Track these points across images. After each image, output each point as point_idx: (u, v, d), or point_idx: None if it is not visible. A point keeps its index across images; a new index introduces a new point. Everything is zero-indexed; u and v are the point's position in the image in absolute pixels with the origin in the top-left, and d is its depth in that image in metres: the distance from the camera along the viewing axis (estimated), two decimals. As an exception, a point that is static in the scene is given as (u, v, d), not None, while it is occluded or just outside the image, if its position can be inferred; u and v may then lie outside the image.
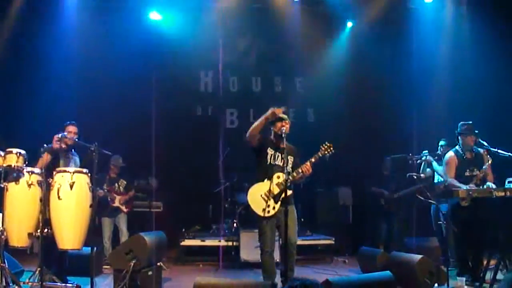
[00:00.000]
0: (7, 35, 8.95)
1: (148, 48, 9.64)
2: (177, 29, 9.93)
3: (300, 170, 5.60)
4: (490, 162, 6.16)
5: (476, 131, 6.28)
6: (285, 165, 5.52)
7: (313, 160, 5.63)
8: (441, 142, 7.70)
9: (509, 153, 6.17)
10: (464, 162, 6.24)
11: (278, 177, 5.66)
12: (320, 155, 5.64)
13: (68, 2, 9.34)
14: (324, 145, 5.67)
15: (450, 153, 6.37)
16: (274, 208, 5.63)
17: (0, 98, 8.76)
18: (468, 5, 9.68)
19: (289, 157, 5.73)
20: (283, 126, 5.69)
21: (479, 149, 6.31)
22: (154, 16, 9.83)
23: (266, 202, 5.64)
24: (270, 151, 5.81)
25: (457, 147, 6.35)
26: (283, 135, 5.60)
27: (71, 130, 6.27)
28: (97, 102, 9.21)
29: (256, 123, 5.76)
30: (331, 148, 5.64)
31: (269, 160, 5.78)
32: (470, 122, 6.33)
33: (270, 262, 5.69)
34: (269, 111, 5.70)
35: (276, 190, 5.63)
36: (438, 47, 9.87)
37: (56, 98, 8.83)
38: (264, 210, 5.63)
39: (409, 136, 9.28)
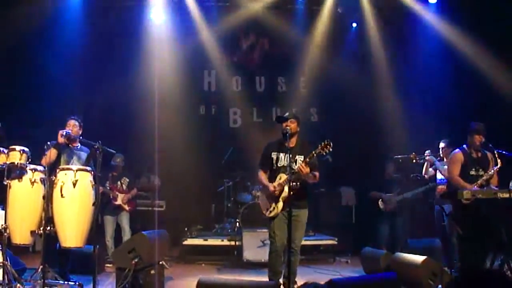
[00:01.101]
0: (11, 33, 8.96)
1: (152, 47, 9.65)
2: (181, 28, 9.92)
3: (295, 170, 5.49)
4: (499, 165, 6.09)
5: (485, 133, 6.21)
6: (288, 164, 5.46)
7: (307, 159, 5.43)
8: (441, 144, 7.66)
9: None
10: (470, 161, 6.19)
11: (280, 178, 5.65)
12: (315, 153, 5.39)
13: (71, 1, 9.35)
14: (321, 143, 5.42)
15: (457, 151, 6.32)
16: (274, 208, 5.63)
17: (3, 96, 8.76)
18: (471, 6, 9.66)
19: (298, 156, 5.66)
20: (288, 126, 5.64)
21: (485, 150, 6.27)
22: (156, 15, 9.81)
23: (269, 202, 5.69)
24: (273, 155, 5.79)
25: (464, 145, 6.31)
26: (287, 135, 5.56)
27: (71, 124, 6.28)
28: (100, 100, 9.21)
29: (262, 183, 5.81)
30: (329, 147, 5.36)
31: (274, 165, 5.77)
32: (482, 123, 6.28)
33: (276, 262, 5.67)
34: (270, 187, 5.67)
35: (276, 191, 5.64)
36: (441, 48, 9.85)
37: (59, 97, 8.84)
38: (267, 210, 5.70)
39: (412, 136, 9.27)
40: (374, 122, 10.02)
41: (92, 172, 5.66)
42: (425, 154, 7.74)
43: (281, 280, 5.61)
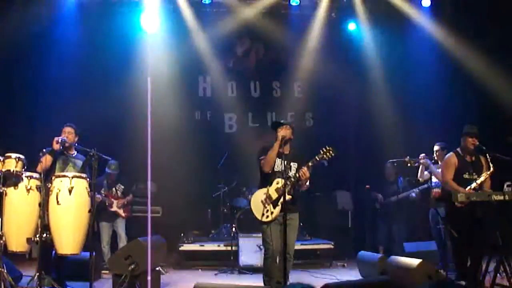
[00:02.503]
0: (4, 41, 8.98)
1: (147, 53, 9.65)
2: (176, 33, 9.95)
3: (296, 175, 5.58)
4: (491, 171, 6.10)
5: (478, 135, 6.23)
6: (284, 170, 5.50)
7: (310, 164, 5.53)
8: (435, 147, 7.68)
9: (508, 157, 6.15)
10: (464, 164, 6.21)
11: (277, 183, 5.66)
12: (318, 159, 5.52)
13: (66, 8, 9.36)
14: (323, 148, 5.56)
15: (450, 154, 6.34)
16: (272, 213, 5.64)
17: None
18: (466, 8, 9.74)
19: (292, 163, 5.72)
20: (285, 132, 5.69)
21: (479, 153, 6.28)
22: (151, 21, 9.82)
23: (265, 207, 5.67)
24: None
25: (458, 148, 6.34)
26: (284, 141, 5.61)
27: (65, 131, 6.29)
28: (95, 107, 9.21)
29: (270, 153, 5.66)
30: (331, 152, 5.52)
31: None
32: (474, 125, 6.30)
33: (272, 267, 5.67)
34: (279, 137, 5.64)
35: (274, 195, 5.64)
36: (436, 51, 9.91)
37: (54, 103, 8.84)
38: (263, 215, 5.68)
39: (408, 139, 9.31)
40: (370, 126, 10.06)
41: (88, 179, 5.67)
42: (420, 157, 7.77)
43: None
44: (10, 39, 8.91)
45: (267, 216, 5.65)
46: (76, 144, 6.31)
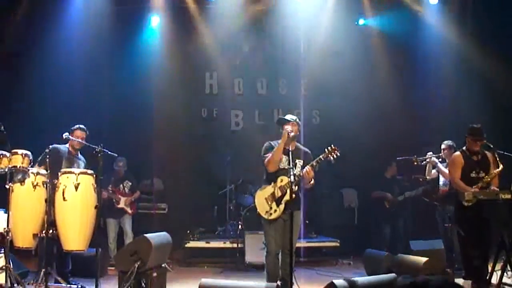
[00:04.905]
0: (13, 38, 9.00)
1: (153, 50, 9.67)
2: (182, 30, 9.95)
3: (300, 173, 5.54)
4: (500, 168, 6.07)
5: (484, 135, 6.19)
6: (290, 167, 5.47)
7: (314, 163, 5.50)
8: (443, 145, 7.63)
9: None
10: (470, 163, 6.18)
11: (281, 181, 5.63)
12: (322, 158, 5.47)
13: (73, 7, 9.37)
14: (328, 148, 5.49)
15: (457, 153, 6.32)
16: (276, 211, 5.62)
17: (5, 100, 8.78)
18: (474, 5, 9.68)
19: (297, 160, 5.69)
20: (290, 128, 5.66)
21: (486, 151, 6.25)
22: (157, 19, 9.84)
23: (269, 205, 5.67)
24: None
25: (464, 148, 6.31)
26: (290, 137, 5.58)
27: (79, 135, 6.30)
28: (102, 104, 9.24)
29: (276, 151, 5.61)
30: (336, 151, 5.45)
31: None
32: (479, 125, 6.25)
33: (274, 264, 5.68)
34: (286, 133, 5.58)
35: (278, 193, 5.62)
36: (444, 48, 9.86)
37: (61, 100, 8.86)
38: (267, 212, 5.67)
39: (415, 137, 9.27)
40: (377, 123, 10.01)
41: (94, 175, 5.69)
42: (428, 156, 7.72)
43: (278, 282, 5.60)
44: (17, 38, 8.96)
45: (271, 214, 5.64)
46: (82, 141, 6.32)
